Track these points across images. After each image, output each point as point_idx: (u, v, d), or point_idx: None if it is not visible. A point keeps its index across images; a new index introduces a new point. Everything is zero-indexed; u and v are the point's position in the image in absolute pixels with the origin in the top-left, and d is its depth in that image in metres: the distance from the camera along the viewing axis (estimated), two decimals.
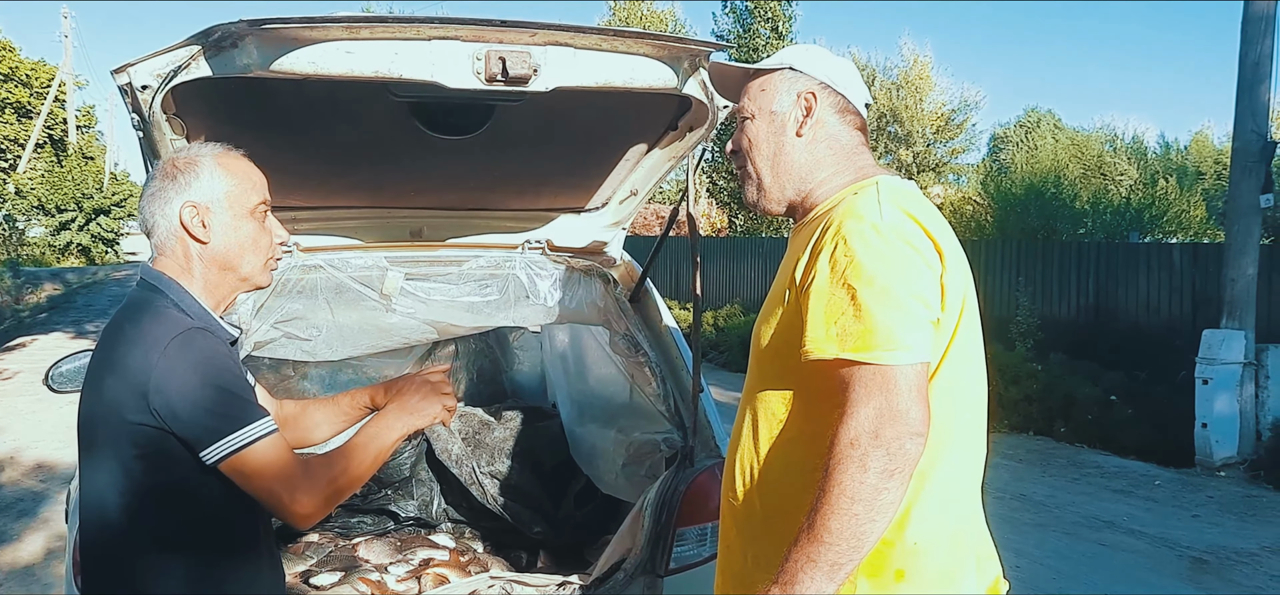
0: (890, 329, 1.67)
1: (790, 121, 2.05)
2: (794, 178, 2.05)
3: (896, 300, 1.69)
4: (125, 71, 2.39)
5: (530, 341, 5.31)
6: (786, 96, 2.06)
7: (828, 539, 1.63)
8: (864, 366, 1.67)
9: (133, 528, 1.93)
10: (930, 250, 1.79)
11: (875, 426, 1.63)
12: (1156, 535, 7.02)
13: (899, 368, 1.66)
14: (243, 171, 2.09)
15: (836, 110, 2.05)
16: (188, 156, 2.06)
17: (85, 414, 1.96)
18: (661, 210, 23.37)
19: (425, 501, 4.49)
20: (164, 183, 2.02)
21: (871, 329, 1.67)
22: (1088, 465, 9.22)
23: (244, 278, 2.10)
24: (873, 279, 1.70)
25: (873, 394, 1.65)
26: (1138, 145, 31.00)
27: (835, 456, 1.65)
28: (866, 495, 1.62)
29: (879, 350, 1.66)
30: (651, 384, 3.56)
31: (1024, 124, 45.17)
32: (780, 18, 25.25)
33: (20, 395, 10.78)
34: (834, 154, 2.04)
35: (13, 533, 6.34)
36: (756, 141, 2.08)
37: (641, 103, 2.87)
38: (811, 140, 2.04)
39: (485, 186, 3.59)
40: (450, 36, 2.33)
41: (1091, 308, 12.10)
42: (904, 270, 1.73)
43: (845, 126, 2.06)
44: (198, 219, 2.01)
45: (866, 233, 1.75)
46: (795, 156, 2.04)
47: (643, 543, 3.10)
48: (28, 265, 27.84)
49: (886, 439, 1.63)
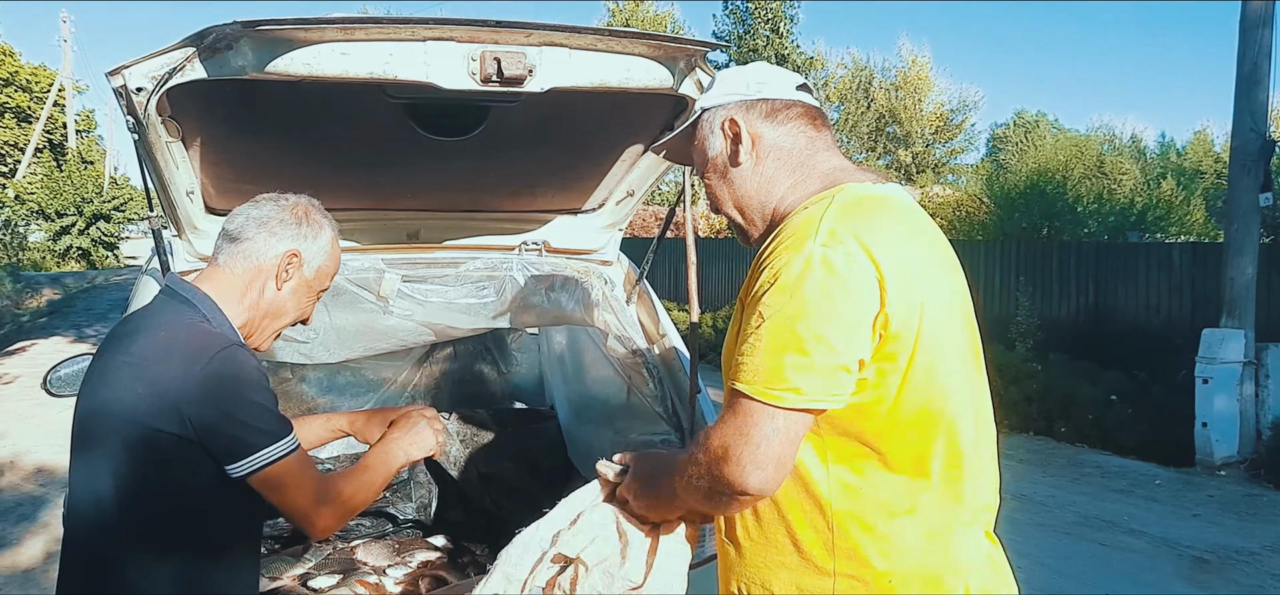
0: (776, 369, 1.61)
1: (724, 157, 1.96)
2: (757, 207, 1.95)
3: (796, 341, 1.60)
4: (120, 74, 2.38)
5: (528, 343, 5.30)
6: (713, 137, 1.98)
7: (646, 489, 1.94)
8: (742, 398, 1.64)
9: (130, 529, 1.94)
10: (867, 283, 1.64)
11: (717, 462, 1.66)
12: (1157, 535, 7.02)
13: (767, 410, 1.62)
14: (338, 258, 2.31)
15: (766, 117, 1.94)
16: (317, 216, 2.24)
17: (89, 412, 1.96)
18: (659, 211, 23.37)
19: (423, 503, 4.48)
20: (289, 219, 2.19)
21: (759, 365, 1.62)
22: (1088, 465, 9.22)
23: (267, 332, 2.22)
24: (779, 313, 1.62)
25: (729, 429, 1.65)
26: (1136, 145, 31.03)
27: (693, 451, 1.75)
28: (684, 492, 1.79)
29: (758, 387, 1.62)
30: (649, 385, 3.56)
31: (1019, 124, 45.18)
32: (780, 18, 25.26)
33: (20, 400, 10.78)
34: (785, 165, 1.92)
35: (12, 537, 6.34)
36: (717, 194, 2.01)
37: (638, 103, 2.86)
38: (755, 162, 1.93)
39: (482, 188, 3.59)
40: (445, 37, 2.33)
41: (1091, 307, 12.10)
42: (816, 309, 1.61)
43: (786, 128, 1.94)
44: (289, 268, 2.15)
45: (791, 261, 1.65)
46: (747, 187, 1.95)
47: None
48: (28, 270, 27.85)
49: (718, 480, 1.67)
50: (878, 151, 30.66)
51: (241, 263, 2.11)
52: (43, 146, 41.29)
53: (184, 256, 3.32)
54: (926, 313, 1.70)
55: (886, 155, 30.82)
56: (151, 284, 3.17)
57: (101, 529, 1.96)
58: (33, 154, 40.03)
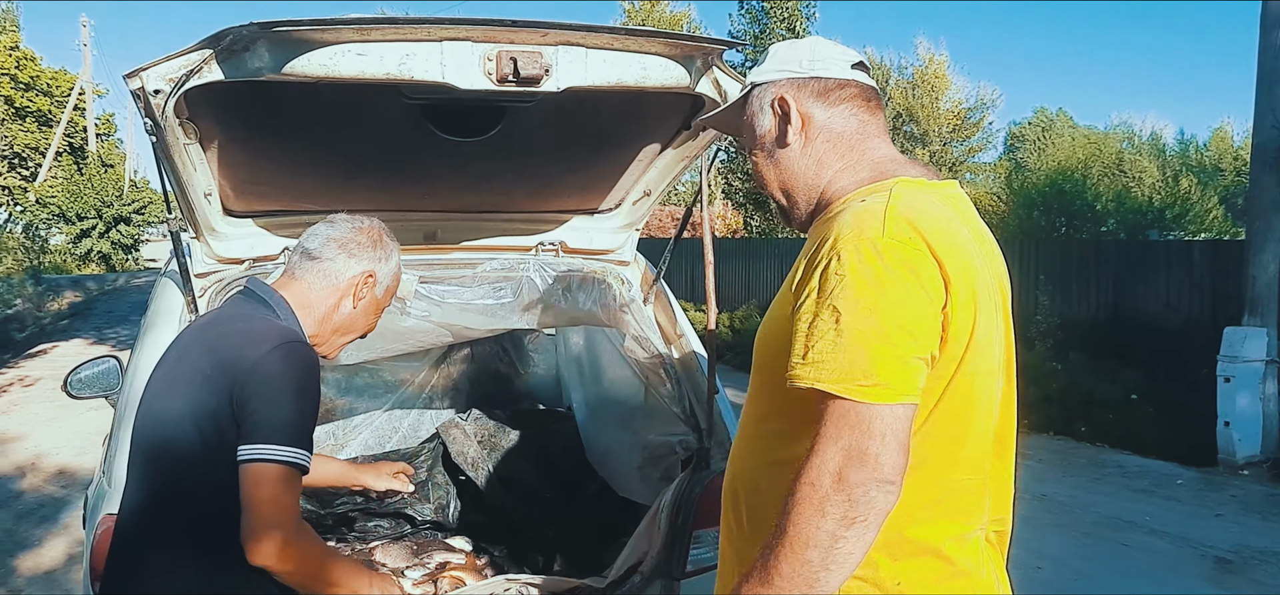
0: (871, 364, 1.52)
1: (773, 137, 1.91)
2: (803, 189, 1.89)
3: (883, 333, 1.54)
4: (138, 76, 2.39)
5: (545, 344, 5.30)
6: (762, 115, 1.92)
7: (778, 582, 1.53)
8: (836, 401, 1.53)
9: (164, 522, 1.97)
10: (934, 277, 1.61)
11: (840, 468, 1.50)
12: (1179, 535, 6.96)
13: (874, 408, 1.52)
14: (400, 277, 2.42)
15: (818, 97, 1.87)
16: (389, 238, 2.36)
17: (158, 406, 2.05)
18: (675, 211, 23.36)
19: (441, 505, 4.48)
20: (366, 242, 2.30)
21: (850, 361, 1.53)
22: (1109, 465, 9.15)
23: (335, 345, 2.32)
24: (859, 304, 1.55)
25: (842, 432, 1.52)
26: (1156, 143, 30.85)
27: (796, 496, 1.53)
28: (822, 542, 1.50)
29: (853, 384, 1.52)
30: (667, 386, 3.55)
31: (1038, 122, 44.97)
32: (797, 17, 25.20)
33: (42, 402, 10.86)
34: (836, 148, 1.87)
35: (35, 538, 6.38)
36: (762, 173, 1.96)
37: (654, 102, 2.86)
38: (804, 143, 1.88)
39: (498, 189, 3.59)
40: (461, 38, 2.33)
41: (1111, 306, 12.03)
42: (897, 300, 1.57)
43: (839, 110, 1.87)
44: (364, 288, 2.26)
45: (863, 251, 1.58)
46: (795, 168, 1.89)
47: (659, 545, 3.09)
48: (49, 273, 28.04)
49: (850, 484, 1.49)
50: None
51: (320, 280, 2.21)
52: (63, 150, 41.56)
53: (202, 259, 3.33)
54: (979, 318, 1.68)
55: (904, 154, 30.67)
56: (171, 286, 3.18)
57: (140, 523, 1.99)
58: (53, 158, 40.30)
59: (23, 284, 22.17)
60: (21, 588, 5.55)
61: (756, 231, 24.35)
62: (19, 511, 6.99)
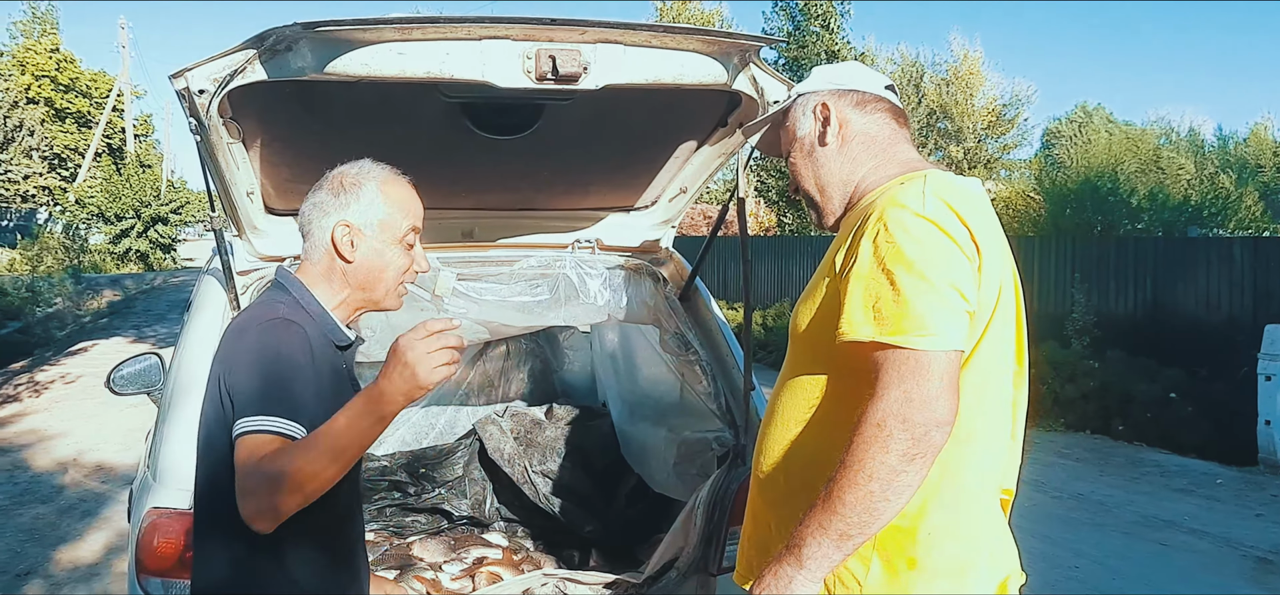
0: (924, 314, 1.69)
1: (813, 136, 2.11)
2: (837, 186, 2.09)
3: (933, 287, 1.71)
4: (183, 76, 2.42)
5: (580, 341, 5.32)
6: (804, 119, 2.13)
7: (841, 510, 1.69)
8: (897, 350, 1.69)
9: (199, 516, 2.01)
10: (968, 242, 1.80)
11: (902, 410, 1.66)
12: (1219, 535, 6.88)
13: (931, 354, 1.68)
14: (400, 200, 2.15)
15: (856, 106, 2.10)
16: (354, 176, 2.14)
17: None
18: (708, 210, 23.33)
19: (478, 500, 4.52)
20: (327, 196, 2.12)
21: (907, 313, 1.69)
22: (1147, 464, 9.06)
23: (376, 300, 2.17)
24: (912, 265, 1.73)
25: (903, 377, 1.68)
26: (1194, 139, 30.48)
27: (861, 434, 1.68)
28: (884, 475, 1.66)
29: (913, 335, 1.69)
30: (702, 382, 3.55)
31: (1075, 118, 44.51)
32: (831, 14, 25.08)
33: (83, 399, 11.01)
34: (870, 149, 2.07)
35: (76, 532, 6.47)
36: (799, 171, 2.15)
37: (691, 99, 2.86)
38: (841, 143, 2.08)
39: (535, 186, 3.61)
40: (500, 36, 2.34)
41: (1149, 304, 11.89)
42: (942, 259, 1.75)
43: (872, 118, 2.10)
44: (348, 239, 2.08)
45: (908, 220, 1.77)
46: (830, 165, 2.09)
47: (695, 541, 3.10)
48: (88, 272, 28.42)
49: (912, 423, 1.66)
50: (929, 147, 30.38)
51: (314, 250, 2.13)
52: (102, 151, 42.14)
53: (244, 256, 3.37)
54: (1003, 296, 1.87)
55: (938, 151, 30.52)
56: (214, 283, 3.22)
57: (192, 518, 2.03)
58: (92, 158, 40.87)
59: (63, 283, 22.51)
60: (63, 580, 5.64)
61: (789, 229, 24.27)
62: (61, 506, 7.10)
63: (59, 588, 5.54)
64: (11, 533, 6.48)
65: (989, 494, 1.95)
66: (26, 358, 13.85)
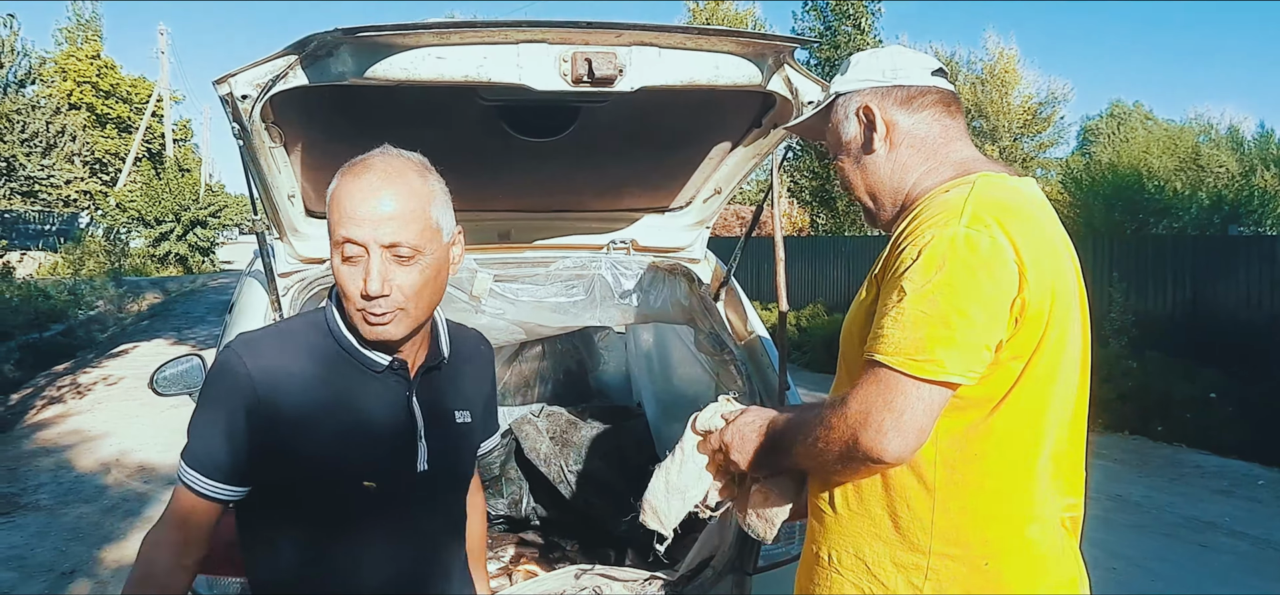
0: (920, 342, 1.63)
1: (858, 143, 1.99)
2: (889, 193, 1.97)
3: (939, 316, 1.63)
4: (226, 82, 2.47)
5: (615, 341, 5.34)
6: (847, 123, 2.00)
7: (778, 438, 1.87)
8: (881, 368, 1.65)
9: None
10: (1009, 267, 1.67)
11: (858, 421, 1.66)
12: (1260, 536, 6.80)
13: (911, 382, 1.63)
14: (338, 199, 1.74)
15: (901, 104, 1.95)
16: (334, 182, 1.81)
17: None
18: (742, 211, 23.31)
19: (515, 499, 4.55)
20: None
21: (903, 338, 1.64)
22: (1186, 465, 8.96)
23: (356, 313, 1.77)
24: (924, 287, 1.65)
25: (870, 395, 1.66)
26: (1234, 135, 30.06)
27: (824, 413, 1.73)
28: (813, 451, 1.76)
29: (901, 358, 1.63)
30: (737, 383, 3.56)
31: (1114, 115, 44.02)
32: (863, 14, 24.95)
33: (125, 400, 11.15)
34: (920, 153, 1.94)
35: (119, 532, 6.57)
36: (850, 178, 2.03)
37: (726, 100, 2.88)
38: (889, 149, 1.95)
39: (571, 188, 3.64)
40: (537, 39, 2.37)
41: (1189, 303, 11.75)
42: (961, 286, 1.64)
43: (922, 116, 1.95)
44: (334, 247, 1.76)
45: (936, 240, 1.68)
46: (881, 173, 1.97)
47: (730, 542, 3.11)
48: (129, 275, 28.78)
49: (857, 445, 1.66)
50: None
51: None
52: (142, 155, 42.70)
53: (285, 258, 3.42)
54: (1056, 305, 1.74)
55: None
56: (255, 285, 3.27)
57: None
58: (133, 163, 41.40)
59: (105, 286, 22.81)
60: (108, 579, 5.73)
61: (823, 230, 24.19)
62: (104, 506, 7.21)
63: (104, 586, 5.63)
64: (57, 532, 6.60)
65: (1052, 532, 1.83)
66: (70, 360, 14.05)
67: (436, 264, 1.80)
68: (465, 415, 2.01)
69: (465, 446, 2.05)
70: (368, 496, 1.82)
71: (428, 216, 1.78)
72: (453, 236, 1.90)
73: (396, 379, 1.86)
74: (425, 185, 1.83)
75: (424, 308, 1.80)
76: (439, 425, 1.93)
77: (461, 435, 2.01)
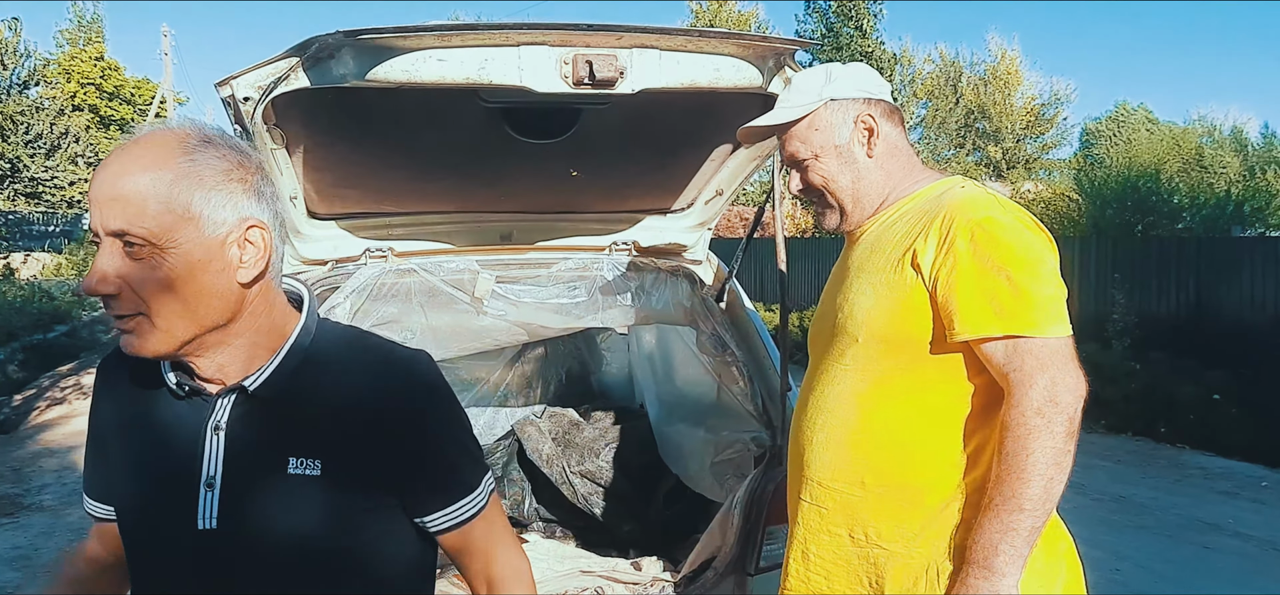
0: (1046, 305, 1.81)
1: (857, 147, 2.13)
2: (874, 197, 2.13)
3: (1046, 279, 1.84)
4: (228, 84, 2.48)
5: (617, 342, 5.34)
6: (844, 126, 2.12)
7: (1027, 507, 1.75)
8: (1031, 340, 1.79)
9: None
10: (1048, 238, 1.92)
11: (1052, 394, 1.76)
12: (1264, 538, 6.79)
13: (1063, 340, 1.81)
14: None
15: (886, 117, 2.14)
16: None
17: None
18: (744, 212, 23.29)
19: (517, 500, 4.55)
20: None
21: (1032, 306, 1.80)
22: (1190, 466, 8.95)
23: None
24: (1022, 262, 1.83)
25: (1045, 365, 1.78)
26: (1238, 136, 30.03)
27: (1022, 427, 1.76)
28: (1056, 458, 1.76)
29: (1043, 325, 1.79)
30: (739, 383, 3.57)
31: (1115, 117, 44.00)
32: (865, 16, 24.96)
33: None
34: (899, 160, 2.14)
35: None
36: (832, 176, 2.14)
37: (726, 102, 2.88)
38: (881, 156, 2.12)
39: (573, 190, 3.64)
40: (538, 41, 2.38)
41: (1192, 304, 11.74)
42: (1041, 254, 1.87)
43: (897, 129, 2.16)
44: None
45: (1001, 221, 1.87)
46: (873, 178, 2.12)
47: (732, 541, 3.11)
48: None
49: (1064, 405, 1.77)
50: (967, 148, 30.17)
51: None
52: None
53: (287, 260, 3.42)
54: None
55: (976, 151, 30.32)
56: None
57: None
58: None
59: None
60: None
61: (825, 232, 24.18)
62: None
63: None
64: (61, 532, 6.61)
65: None
66: (73, 360, 14.05)
67: (190, 263, 1.36)
68: (307, 465, 1.44)
69: (304, 508, 1.45)
70: (144, 556, 1.51)
71: (173, 199, 1.35)
72: (236, 231, 1.40)
73: (200, 404, 1.47)
74: (184, 162, 1.38)
75: (175, 319, 1.38)
76: (249, 472, 1.45)
77: (295, 491, 1.44)
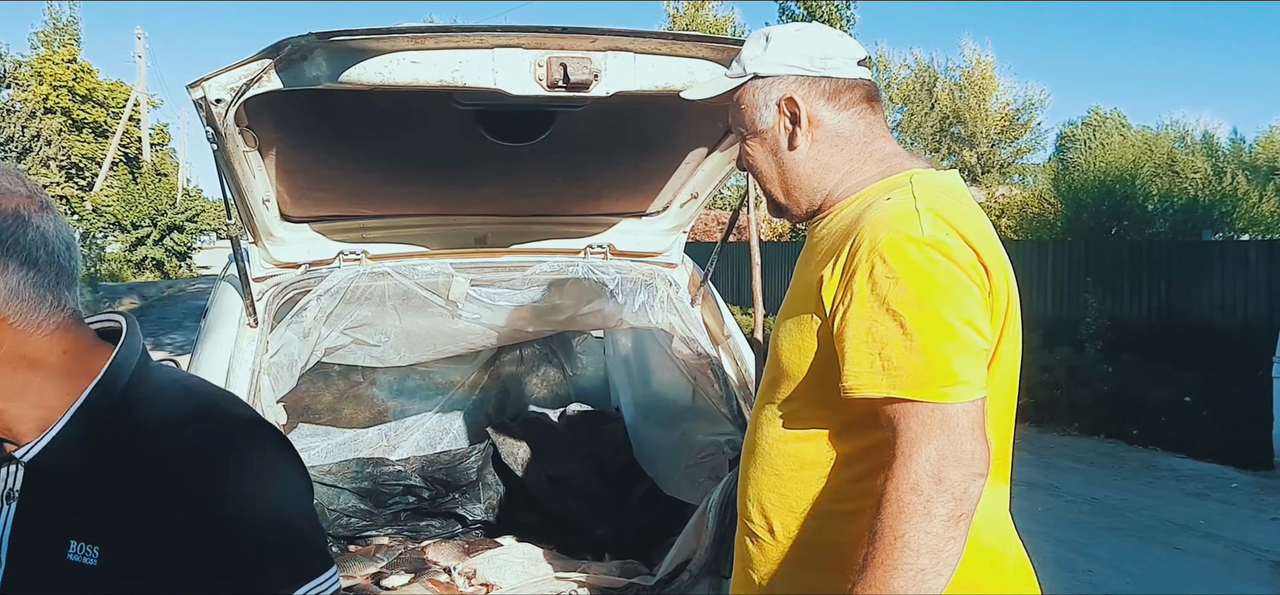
0: (945, 363, 1.51)
1: (780, 137, 1.83)
2: (805, 191, 1.84)
3: (949, 330, 1.52)
4: (200, 86, 2.46)
5: (593, 346, 5.34)
6: (765, 111, 1.83)
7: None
8: (919, 405, 1.51)
9: None
10: (975, 265, 1.60)
11: (937, 469, 1.47)
12: (1234, 539, 6.86)
13: (959, 406, 1.50)
14: None
15: (826, 98, 1.80)
16: None
17: None
18: (720, 216, 23.33)
19: (492, 504, 4.54)
20: None
21: (926, 363, 1.51)
22: (1161, 468, 9.03)
23: None
24: (922, 305, 1.53)
25: (933, 434, 1.49)
26: (1209, 141, 30.36)
27: (893, 505, 1.48)
28: (933, 545, 1.46)
29: (934, 388, 1.50)
30: (714, 386, 3.58)
31: (1089, 122, 44.37)
32: (836, 20, 25.09)
33: None
34: (843, 152, 1.80)
35: None
36: (757, 164, 1.89)
37: (701, 106, 2.88)
38: (811, 144, 1.81)
39: (547, 193, 3.63)
40: (512, 44, 2.37)
41: (1163, 308, 11.87)
42: (954, 293, 1.55)
43: (846, 113, 1.80)
44: None
45: (907, 250, 1.55)
46: (800, 171, 1.83)
47: (707, 544, 3.11)
48: (105, 280, 28.57)
49: (950, 482, 1.47)
50: (942, 152, 30.36)
51: None
52: (118, 160, 42.41)
53: (260, 263, 3.41)
54: (1011, 304, 1.68)
55: (951, 156, 30.48)
56: (230, 290, 3.26)
57: None
58: (109, 167, 41.13)
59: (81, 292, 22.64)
60: None
61: (801, 235, 24.26)
62: None
63: None
64: None
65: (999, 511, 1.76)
66: None
67: None
68: (86, 551, 1.20)
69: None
70: None
71: None
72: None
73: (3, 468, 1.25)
74: None
75: None
76: (32, 554, 1.23)
77: (71, 582, 1.19)
